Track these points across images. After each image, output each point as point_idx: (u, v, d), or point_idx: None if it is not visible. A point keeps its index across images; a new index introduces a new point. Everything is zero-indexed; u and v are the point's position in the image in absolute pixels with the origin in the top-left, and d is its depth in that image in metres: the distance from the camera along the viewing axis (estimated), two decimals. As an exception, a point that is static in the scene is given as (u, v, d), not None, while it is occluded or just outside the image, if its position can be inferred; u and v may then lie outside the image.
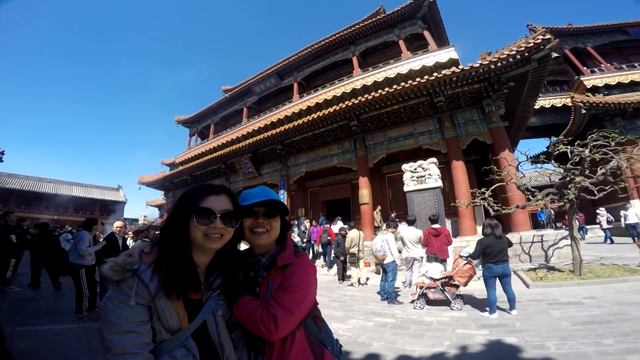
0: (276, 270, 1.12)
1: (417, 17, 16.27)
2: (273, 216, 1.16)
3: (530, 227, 10.86)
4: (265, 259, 1.19)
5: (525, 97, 11.99)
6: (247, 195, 1.17)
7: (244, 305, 1.04)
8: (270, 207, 1.16)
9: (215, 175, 19.93)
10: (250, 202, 1.14)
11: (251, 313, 1.02)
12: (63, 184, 37.42)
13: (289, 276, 1.10)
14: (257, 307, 1.03)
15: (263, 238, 1.15)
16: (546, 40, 9.13)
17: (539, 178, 20.76)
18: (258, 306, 1.03)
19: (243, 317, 1.04)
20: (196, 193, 1.05)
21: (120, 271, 0.91)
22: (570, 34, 18.54)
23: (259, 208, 1.15)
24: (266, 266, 1.17)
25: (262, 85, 21.70)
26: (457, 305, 5.21)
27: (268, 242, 1.18)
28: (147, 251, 1.00)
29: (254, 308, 1.02)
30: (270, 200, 1.15)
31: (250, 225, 1.15)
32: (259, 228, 1.15)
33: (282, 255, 1.15)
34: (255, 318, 1.00)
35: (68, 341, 4.03)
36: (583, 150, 6.83)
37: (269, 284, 1.11)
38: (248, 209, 1.14)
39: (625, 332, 3.44)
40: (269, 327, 0.99)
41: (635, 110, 14.52)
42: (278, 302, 1.03)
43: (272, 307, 1.02)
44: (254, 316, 1.01)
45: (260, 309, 1.02)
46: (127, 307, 0.89)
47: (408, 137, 12.70)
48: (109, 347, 0.87)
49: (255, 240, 1.16)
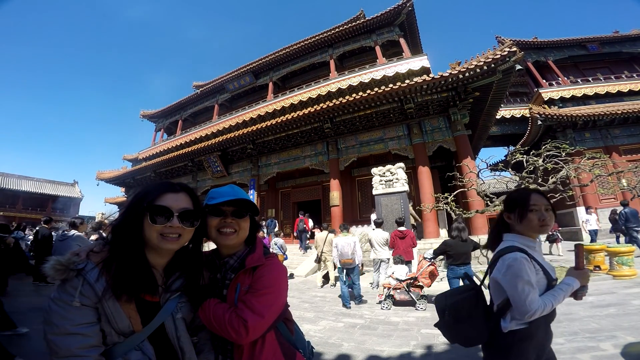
0: (245, 272, 1.08)
1: (395, 24, 16.73)
2: (242, 216, 1.12)
3: (488, 231, 11.50)
4: (233, 261, 1.14)
5: (488, 107, 12.73)
6: (215, 194, 1.12)
7: (210, 309, 0.99)
8: (239, 206, 1.11)
9: (182, 173, 19.16)
10: (218, 200, 1.09)
11: (219, 317, 0.97)
12: (11, 177, 34.06)
13: (258, 278, 1.06)
14: (224, 310, 0.98)
15: (231, 239, 1.11)
16: (512, 52, 9.75)
17: (497, 185, 22.06)
18: (226, 310, 0.99)
19: (210, 322, 0.99)
20: (152, 190, 1.00)
21: (62, 270, 0.85)
22: (534, 47, 19.68)
23: (227, 207, 1.10)
24: (234, 268, 1.13)
25: (236, 82, 21.16)
26: (422, 306, 5.37)
27: (236, 243, 1.13)
28: (97, 250, 0.94)
29: (222, 312, 0.98)
30: (239, 200, 1.10)
31: (217, 225, 1.10)
32: (226, 228, 1.10)
33: (252, 257, 1.11)
34: (224, 322, 0.96)
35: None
36: (537, 160, 7.35)
37: (237, 286, 1.06)
38: (215, 208, 1.09)
39: (574, 331, 3.70)
40: (239, 332, 0.95)
41: (584, 123, 15.76)
42: (248, 306, 0.99)
43: (241, 310, 0.98)
44: (222, 320, 0.96)
45: (229, 312, 0.98)
46: (71, 308, 0.84)
47: (378, 142, 13.00)
48: (54, 349, 0.82)
49: (223, 240, 1.11)
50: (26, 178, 35.64)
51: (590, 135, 16.15)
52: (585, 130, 16.19)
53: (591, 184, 8.60)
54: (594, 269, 7.03)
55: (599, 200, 14.53)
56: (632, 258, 6.42)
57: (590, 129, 16.15)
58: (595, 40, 19.46)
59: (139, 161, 23.81)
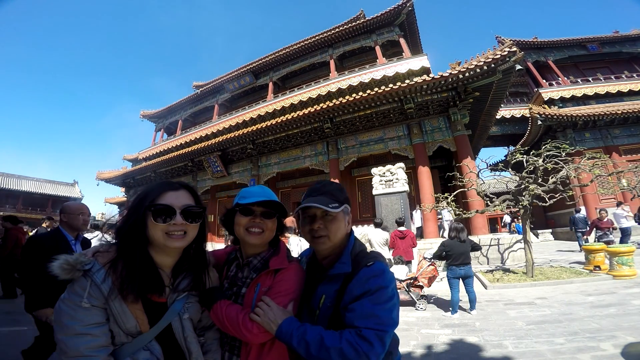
0: (267, 273, 1.11)
1: (394, 24, 16.72)
2: (270, 217, 1.16)
3: (488, 231, 11.51)
4: (257, 261, 1.18)
5: (488, 107, 12.73)
6: (246, 194, 1.16)
7: (222, 312, 1.01)
8: (269, 207, 1.15)
9: (182, 173, 19.14)
10: (249, 200, 1.12)
11: (232, 318, 1.00)
12: (11, 177, 34.07)
13: (279, 281, 1.09)
14: (238, 312, 1.01)
15: (258, 238, 1.14)
16: (512, 52, 9.74)
17: (497, 185, 22.07)
18: (239, 311, 1.01)
19: (223, 323, 1.01)
20: (153, 190, 1.01)
21: (69, 270, 0.86)
22: (534, 47, 19.67)
23: (256, 207, 1.13)
24: (257, 268, 1.16)
25: (235, 82, 21.13)
26: (421, 306, 5.37)
27: (262, 242, 1.16)
28: (104, 251, 0.95)
29: (235, 313, 1.00)
30: (270, 201, 1.14)
31: (246, 224, 1.13)
32: (254, 227, 1.13)
33: (275, 259, 1.15)
34: (237, 324, 0.99)
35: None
36: (537, 160, 7.33)
37: (258, 285, 1.09)
38: (246, 207, 1.13)
39: (575, 331, 3.70)
40: (252, 331, 0.98)
41: (584, 123, 15.77)
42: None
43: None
44: (236, 322, 0.99)
45: (242, 314, 1.00)
46: (79, 309, 0.86)
47: (378, 142, 13.00)
48: (63, 349, 0.84)
49: (250, 239, 1.13)
50: (26, 178, 35.64)
51: (590, 135, 16.15)
52: (585, 130, 16.19)
53: (591, 184, 8.59)
54: (594, 269, 7.05)
55: (599, 200, 14.54)
56: (632, 258, 6.43)
57: (590, 129, 16.15)
58: (595, 40, 19.43)
59: (139, 161, 23.79)
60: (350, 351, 0.85)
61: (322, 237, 1.06)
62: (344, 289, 0.99)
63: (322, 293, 1.04)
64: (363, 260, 1.03)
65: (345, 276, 1.02)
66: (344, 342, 0.87)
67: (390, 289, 0.97)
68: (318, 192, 1.09)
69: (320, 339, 0.89)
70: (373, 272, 0.98)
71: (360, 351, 0.85)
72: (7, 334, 4.00)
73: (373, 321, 0.90)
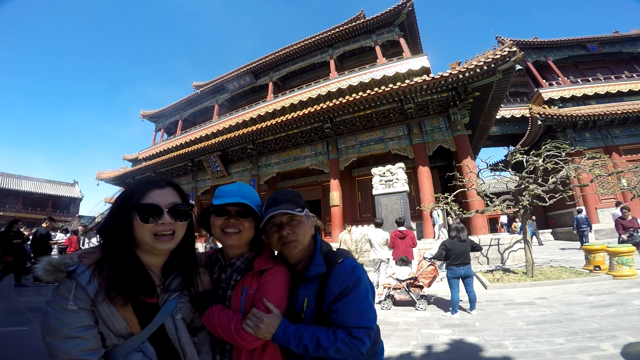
0: (252, 274, 1.09)
1: (394, 24, 16.73)
2: (246, 216, 1.11)
3: (488, 231, 11.51)
4: (240, 262, 1.14)
5: (488, 107, 12.74)
6: (221, 193, 1.12)
7: (214, 317, 1.00)
8: (244, 207, 1.10)
9: (182, 173, 19.17)
10: (222, 201, 1.08)
11: (224, 324, 0.98)
12: (11, 177, 34.08)
13: (266, 283, 1.07)
14: (229, 319, 0.99)
15: (234, 239, 1.10)
16: (512, 52, 9.75)
17: (497, 185, 22.07)
18: (231, 318, 0.99)
19: (215, 328, 1.00)
20: (137, 189, 0.97)
21: (52, 271, 0.84)
22: (534, 47, 19.68)
23: (231, 207, 1.10)
24: (240, 269, 1.13)
25: (235, 82, 21.15)
26: (421, 306, 5.37)
27: (239, 244, 1.12)
28: (89, 252, 0.92)
29: (227, 320, 0.98)
30: (242, 203, 1.09)
31: (221, 225, 1.10)
32: (230, 228, 1.09)
33: (259, 260, 1.12)
34: (230, 331, 0.97)
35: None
36: (537, 160, 7.33)
37: (244, 288, 1.06)
38: (220, 207, 1.09)
39: (575, 331, 3.70)
40: (244, 338, 0.97)
41: (584, 123, 15.77)
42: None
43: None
44: (228, 329, 0.97)
45: (234, 321, 0.98)
46: (67, 312, 0.83)
47: (378, 142, 13.00)
48: (53, 353, 0.81)
49: (226, 240, 1.10)
50: (26, 178, 35.68)
51: (590, 135, 16.15)
52: (585, 130, 16.19)
53: (591, 184, 8.58)
54: (594, 269, 7.04)
55: (599, 201, 14.54)
56: (632, 258, 6.42)
57: (590, 129, 16.15)
58: (595, 40, 19.44)
59: (139, 161, 23.79)
60: (345, 349, 0.98)
61: (292, 241, 1.09)
62: (323, 288, 1.07)
63: (304, 296, 1.08)
64: (333, 259, 1.11)
65: (321, 276, 1.08)
66: (339, 342, 0.98)
67: (364, 281, 1.07)
68: (279, 201, 1.11)
69: (317, 341, 0.98)
70: (345, 269, 1.06)
71: (354, 347, 0.98)
72: (7, 334, 4.00)
73: (362, 320, 1.01)
